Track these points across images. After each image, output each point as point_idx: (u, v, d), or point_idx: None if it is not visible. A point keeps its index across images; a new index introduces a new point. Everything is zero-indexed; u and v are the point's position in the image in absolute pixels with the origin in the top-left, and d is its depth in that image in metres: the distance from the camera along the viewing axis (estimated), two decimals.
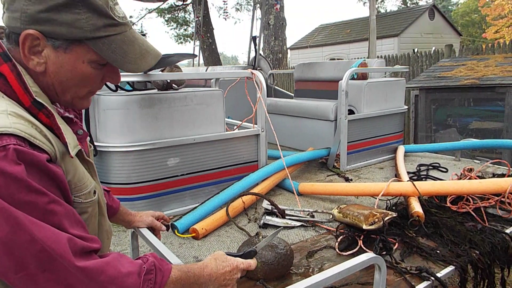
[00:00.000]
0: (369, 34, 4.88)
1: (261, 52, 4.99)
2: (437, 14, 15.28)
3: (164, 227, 1.38)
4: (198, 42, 6.75)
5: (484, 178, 2.35)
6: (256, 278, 1.41)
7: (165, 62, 2.27)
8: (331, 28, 17.40)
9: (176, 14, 15.75)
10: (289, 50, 15.68)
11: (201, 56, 7.69)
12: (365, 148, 3.20)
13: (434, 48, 6.95)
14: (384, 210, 1.80)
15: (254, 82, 2.48)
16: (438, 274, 1.45)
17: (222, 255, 0.98)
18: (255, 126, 2.51)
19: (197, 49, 6.66)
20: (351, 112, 3.16)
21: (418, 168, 2.98)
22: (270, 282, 1.40)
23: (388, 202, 2.11)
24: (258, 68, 4.62)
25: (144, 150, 2.06)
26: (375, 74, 3.71)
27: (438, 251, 1.62)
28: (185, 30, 16.52)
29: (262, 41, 5.45)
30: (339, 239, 1.72)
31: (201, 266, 0.92)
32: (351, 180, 2.79)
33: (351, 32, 15.86)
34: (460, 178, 2.42)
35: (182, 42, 16.71)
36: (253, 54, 4.84)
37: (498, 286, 1.74)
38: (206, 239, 1.86)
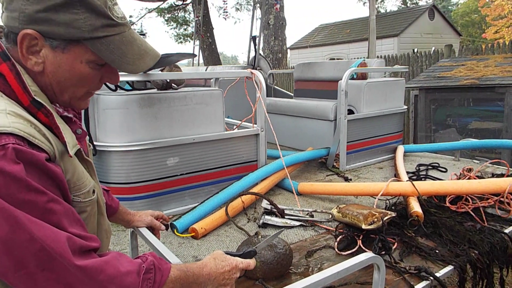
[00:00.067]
0: (368, 34, 4.89)
1: (261, 52, 4.99)
2: (437, 14, 15.28)
3: (163, 227, 1.38)
4: (198, 42, 6.75)
5: (483, 178, 2.35)
6: (255, 278, 1.41)
7: (164, 61, 2.26)
8: (331, 28, 17.41)
9: (176, 14, 15.76)
10: (289, 50, 15.68)
11: (200, 55, 7.69)
12: (364, 148, 3.20)
13: (433, 48, 6.95)
14: (383, 210, 1.80)
15: (254, 82, 2.48)
16: (437, 274, 1.45)
17: (221, 255, 0.98)
18: (255, 125, 2.51)
19: (196, 48, 6.66)
20: (351, 112, 3.16)
21: (417, 168, 2.98)
22: (269, 281, 1.40)
23: (387, 202, 2.12)
24: (257, 68, 4.62)
25: (143, 150, 2.06)
26: (375, 74, 3.71)
27: (437, 251, 1.62)
28: (185, 29, 16.53)
29: (262, 41, 5.45)
30: (338, 239, 1.72)
31: (200, 266, 0.92)
32: (351, 180, 2.79)
33: (351, 32, 15.86)
34: (459, 178, 2.43)
35: (182, 42, 16.74)
36: (252, 54, 4.83)
37: (497, 286, 1.74)
38: (206, 239, 1.87)
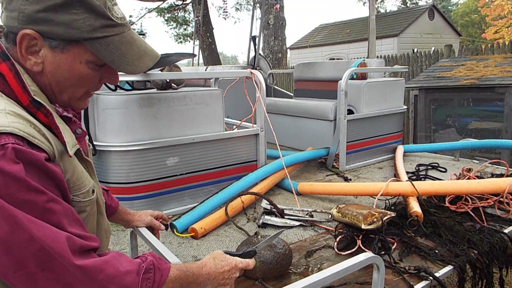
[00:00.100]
0: (368, 34, 4.88)
1: (260, 51, 4.99)
2: (436, 14, 15.28)
3: (163, 227, 1.37)
4: (197, 42, 6.75)
5: (482, 178, 2.36)
6: (255, 278, 1.41)
7: (164, 61, 2.26)
8: (331, 28, 17.41)
9: (175, 14, 15.76)
10: (288, 50, 15.68)
11: (200, 55, 7.69)
12: (364, 148, 3.20)
13: (433, 48, 6.95)
14: (383, 210, 1.80)
15: (254, 81, 2.49)
16: (437, 274, 1.45)
17: (220, 254, 0.98)
18: (255, 125, 2.51)
19: (196, 48, 6.66)
20: (351, 112, 3.16)
21: (417, 168, 2.98)
22: (269, 281, 1.40)
23: (387, 202, 2.12)
24: (257, 67, 4.62)
25: (143, 150, 2.06)
26: (375, 74, 3.71)
27: (437, 251, 1.62)
28: (184, 29, 16.53)
29: (261, 41, 5.45)
30: (338, 239, 1.72)
31: (199, 265, 0.92)
32: (350, 180, 2.79)
33: (351, 32, 15.86)
34: (459, 178, 2.43)
35: (181, 42, 16.74)
36: (252, 53, 4.83)
37: (497, 285, 1.74)
38: (205, 239, 1.87)
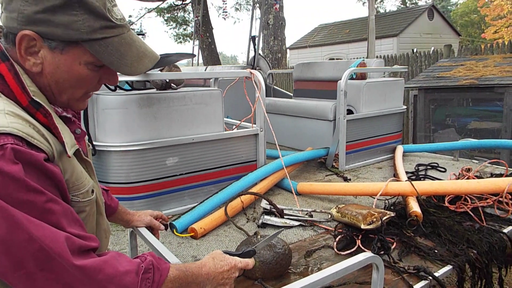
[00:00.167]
0: (368, 34, 4.88)
1: (260, 51, 4.99)
2: (436, 14, 15.29)
3: (162, 227, 1.38)
4: (197, 42, 6.74)
5: (482, 178, 2.36)
6: (254, 278, 1.41)
7: (164, 61, 2.26)
8: (330, 28, 17.41)
9: (175, 14, 15.76)
10: (288, 50, 15.69)
11: (200, 55, 7.69)
12: (363, 148, 3.20)
13: (433, 48, 6.96)
14: (382, 210, 1.80)
15: (253, 81, 2.49)
16: (436, 274, 1.45)
17: (220, 254, 0.98)
18: (254, 125, 2.51)
19: (196, 48, 6.65)
20: (350, 112, 3.16)
21: (416, 168, 2.98)
22: (268, 281, 1.40)
23: (386, 201, 2.12)
24: (257, 67, 4.63)
25: (142, 150, 2.06)
26: (374, 74, 3.72)
27: (436, 251, 1.62)
28: (184, 29, 16.54)
29: (261, 41, 5.45)
30: (337, 239, 1.72)
31: (199, 265, 0.92)
32: (350, 180, 2.80)
33: (350, 32, 15.87)
34: (458, 178, 2.43)
35: (181, 42, 16.75)
36: (252, 53, 4.84)
37: (496, 285, 1.74)
38: (205, 239, 1.87)
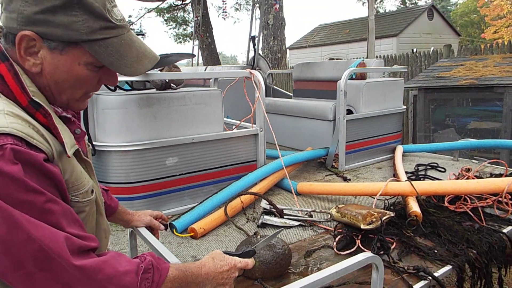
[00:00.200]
0: (367, 34, 4.88)
1: (260, 52, 4.99)
2: (436, 14, 15.30)
3: (162, 227, 1.38)
4: (197, 42, 6.73)
5: (481, 178, 2.36)
6: (254, 278, 1.41)
7: (163, 61, 2.27)
8: (330, 28, 17.41)
9: (175, 14, 15.76)
10: (288, 50, 15.69)
11: (200, 55, 7.68)
12: (363, 148, 3.20)
13: (432, 48, 6.96)
14: (382, 210, 1.80)
15: (253, 81, 2.49)
16: (436, 274, 1.45)
17: (219, 254, 0.98)
18: (254, 125, 2.51)
19: (196, 48, 6.65)
20: (350, 112, 3.16)
21: (416, 168, 2.98)
22: (268, 281, 1.40)
23: (386, 201, 2.12)
24: (257, 68, 4.62)
25: (142, 150, 2.06)
26: (374, 74, 3.72)
27: (436, 251, 1.62)
28: (184, 29, 16.54)
29: (261, 41, 5.45)
30: (337, 239, 1.72)
31: (198, 265, 0.92)
32: (350, 180, 2.80)
33: (350, 32, 15.87)
34: (458, 178, 2.43)
35: (181, 42, 16.75)
36: (252, 53, 4.83)
37: (495, 285, 1.74)
38: (205, 239, 1.87)
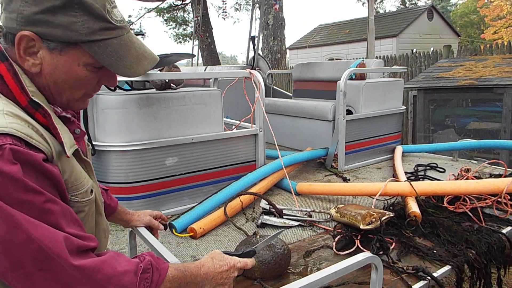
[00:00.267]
0: (367, 35, 4.89)
1: (260, 52, 4.99)
2: (435, 14, 15.30)
3: (162, 227, 1.38)
4: (197, 42, 6.73)
5: (481, 178, 2.36)
6: (253, 278, 1.41)
7: (163, 61, 2.27)
8: (330, 28, 17.42)
9: (175, 14, 15.76)
10: (288, 50, 15.70)
11: (200, 55, 7.68)
12: (363, 148, 3.20)
13: (432, 48, 6.96)
14: (381, 210, 1.80)
15: (253, 82, 2.49)
16: (435, 274, 1.45)
17: (219, 254, 0.98)
18: (253, 126, 2.51)
19: (196, 48, 6.64)
20: (349, 112, 3.16)
21: (415, 168, 2.98)
22: (267, 281, 1.40)
23: (385, 202, 2.12)
24: (256, 68, 4.62)
25: (142, 150, 2.06)
26: (374, 74, 3.72)
27: (435, 251, 1.63)
28: (184, 29, 16.54)
29: (261, 41, 5.45)
30: (337, 239, 1.72)
31: (198, 265, 0.92)
32: (349, 180, 2.80)
33: (350, 32, 15.87)
34: (457, 179, 2.43)
35: (181, 42, 16.75)
36: (251, 54, 4.83)
37: (495, 286, 1.75)
38: (204, 239, 1.87)
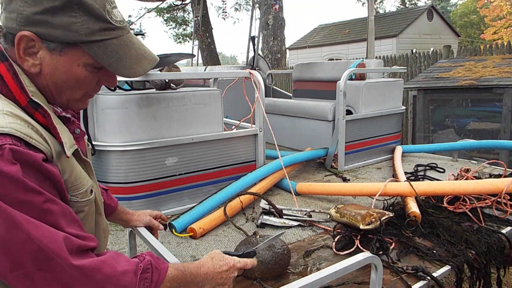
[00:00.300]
0: (367, 35, 4.89)
1: (259, 52, 4.99)
2: (435, 15, 15.31)
3: (161, 226, 1.38)
4: (196, 42, 6.73)
5: (480, 178, 2.36)
6: (253, 277, 1.41)
7: (163, 61, 2.27)
8: (330, 28, 17.42)
9: (175, 14, 15.76)
10: (288, 50, 15.69)
11: (199, 55, 7.67)
12: (363, 148, 3.20)
13: (432, 48, 6.96)
14: (381, 210, 1.81)
15: (253, 82, 2.49)
16: (435, 274, 1.45)
17: (219, 254, 0.98)
18: (253, 126, 2.51)
19: (195, 48, 6.64)
20: (349, 112, 3.16)
21: (415, 168, 2.98)
22: (267, 281, 1.41)
23: (385, 202, 2.12)
24: (256, 68, 4.62)
25: (142, 150, 2.06)
26: (373, 74, 3.72)
27: (435, 251, 1.63)
28: (184, 29, 16.54)
29: (261, 41, 5.45)
30: (336, 239, 1.72)
31: (197, 265, 0.92)
32: (349, 180, 2.80)
33: (350, 32, 15.88)
34: (457, 179, 2.43)
35: (181, 42, 16.76)
36: (251, 54, 4.84)
37: (494, 286, 1.75)
38: (204, 239, 1.87)
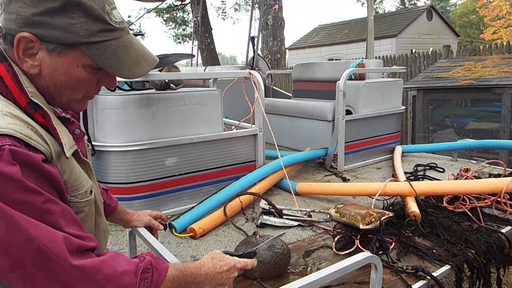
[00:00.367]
0: (367, 35, 4.89)
1: (259, 52, 4.99)
2: (435, 15, 15.32)
3: (161, 227, 1.38)
4: (196, 42, 6.73)
5: (480, 178, 2.36)
6: (253, 277, 1.41)
7: (163, 62, 2.27)
8: (330, 28, 17.43)
9: (174, 14, 15.77)
10: (287, 50, 15.70)
11: (199, 56, 7.67)
12: (362, 148, 3.20)
13: (431, 48, 6.97)
14: (381, 210, 1.81)
15: (252, 82, 2.49)
16: (434, 274, 1.45)
17: (219, 254, 0.98)
18: (253, 126, 2.51)
19: (195, 49, 6.65)
20: (349, 112, 3.16)
21: (415, 168, 2.99)
22: (267, 281, 1.41)
23: (385, 202, 2.12)
24: (256, 68, 4.63)
25: (142, 150, 2.06)
26: (373, 74, 3.72)
27: (434, 251, 1.63)
28: (183, 30, 16.55)
29: (260, 41, 5.45)
30: (336, 239, 1.73)
31: (198, 265, 0.92)
32: (349, 180, 2.80)
33: (350, 32, 15.89)
34: (456, 178, 2.43)
35: (180, 42, 16.76)
36: (251, 54, 4.84)
37: (494, 285, 1.75)
38: (204, 239, 1.87)
